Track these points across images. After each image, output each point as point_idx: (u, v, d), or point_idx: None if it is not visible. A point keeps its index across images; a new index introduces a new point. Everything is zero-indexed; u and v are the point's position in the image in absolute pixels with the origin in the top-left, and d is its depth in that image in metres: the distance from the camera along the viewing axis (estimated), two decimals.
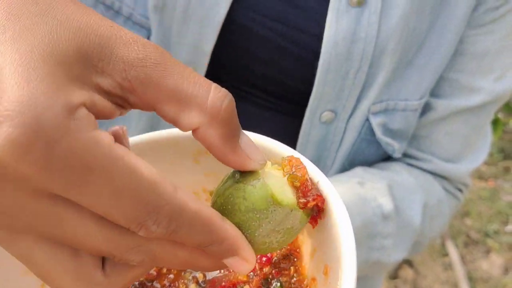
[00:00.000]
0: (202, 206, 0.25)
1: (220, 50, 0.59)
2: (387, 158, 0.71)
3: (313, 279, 0.34)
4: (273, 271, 0.35)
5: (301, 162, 0.30)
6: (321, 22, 0.57)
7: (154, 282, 0.36)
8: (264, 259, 0.36)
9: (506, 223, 2.04)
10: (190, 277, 0.36)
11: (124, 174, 0.22)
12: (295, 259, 0.36)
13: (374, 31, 0.56)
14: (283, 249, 0.37)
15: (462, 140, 0.69)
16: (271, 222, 0.28)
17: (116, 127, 0.29)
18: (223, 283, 0.35)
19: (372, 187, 0.62)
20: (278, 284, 0.35)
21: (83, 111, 0.22)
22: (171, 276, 0.37)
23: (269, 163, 0.30)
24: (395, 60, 0.59)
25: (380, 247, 0.62)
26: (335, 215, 0.30)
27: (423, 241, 0.71)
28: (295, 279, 0.35)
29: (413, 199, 0.65)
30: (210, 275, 0.36)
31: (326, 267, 0.31)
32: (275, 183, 0.29)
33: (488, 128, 0.73)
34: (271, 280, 0.35)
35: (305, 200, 0.29)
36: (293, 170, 0.29)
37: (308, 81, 0.60)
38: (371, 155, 0.68)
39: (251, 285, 0.35)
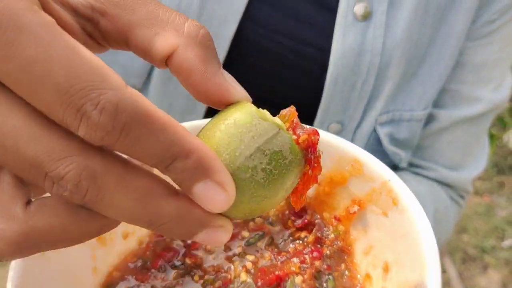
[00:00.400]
0: (161, 110, 0.21)
1: (229, 65, 0.61)
2: (393, 168, 0.73)
3: (368, 276, 0.34)
4: (324, 265, 0.36)
5: (296, 114, 0.27)
6: (328, 36, 0.59)
7: (203, 265, 0.37)
8: (315, 253, 0.37)
9: (502, 238, 2.05)
10: (240, 266, 0.36)
11: (60, 46, 0.19)
12: (346, 256, 0.36)
13: (379, 44, 0.59)
14: (334, 246, 0.37)
15: (463, 148, 0.71)
16: (255, 138, 0.24)
17: None
18: (276, 272, 0.35)
19: None
20: (331, 277, 0.35)
21: None
22: (217, 263, 0.37)
23: None
24: (400, 71, 0.62)
25: None
26: (411, 214, 0.30)
27: None
28: (346, 275, 0.35)
29: (425, 205, 0.67)
30: (260, 264, 0.36)
31: (386, 264, 0.32)
32: (260, 109, 0.25)
33: (486, 136, 0.76)
34: (323, 274, 0.36)
35: (296, 136, 0.25)
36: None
37: (315, 94, 0.62)
38: None
39: (304, 276, 0.35)
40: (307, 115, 0.63)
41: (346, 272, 0.36)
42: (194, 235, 0.23)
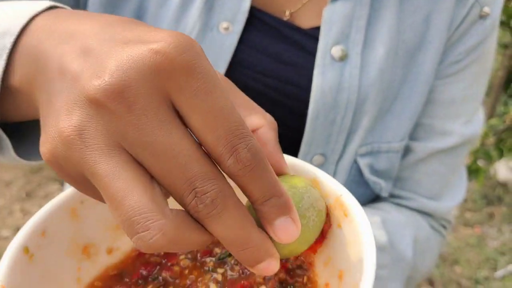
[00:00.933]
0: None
1: None
2: (375, 199, 0.77)
3: (326, 284, 0.37)
4: (287, 277, 0.39)
5: None
6: (309, 76, 0.65)
7: (176, 280, 0.39)
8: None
9: (495, 269, 2.07)
10: (212, 278, 0.39)
11: (231, 101, 0.28)
12: (307, 270, 0.39)
13: (356, 82, 0.64)
14: (298, 260, 0.40)
15: (440, 179, 0.75)
16: (310, 198, 0.33)
17: None
18: (242, 282, 0.38)
19: None
20: (292, 287, 0.38)
21: None
22: (193, 276, 0.40)
23: None
24: (376, 107, 0.67)
25: (377, 277, 0.67)
26: (357, 223, 0.33)
27: (415, 276, 0.75)
28: (308, 285, 0.38)
29: (404, 233, 0.71)
30: (229, 276, 0.39)
31: (341, 272, 0.35)
32: None
33: (463, 168, 0.80)
34: (285, 284, 0.38)
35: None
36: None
37: (299, 129, 0.67)
38: (360, 196, 0.74)
39: (267, 286, 0.38)
40: (292, 149, 0.68)
41: (308, 283, 0.38)
42: (260, 262, 0.29)
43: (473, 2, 0.67)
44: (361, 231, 0.33)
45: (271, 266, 0.30)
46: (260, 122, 0.34)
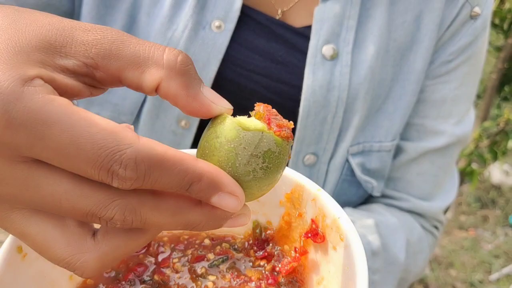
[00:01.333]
0: (170, 148, 0.26)
1: None
2: (367, 199, 0.77)
3: None
4: None
5: (270, 107, 0.32)
6: (300, 74, 0.65)
7: (168, 283, 0.39)
8: (271, 280, 0.39)
9: (489, 272, 2.07)
10: (203, 286, 0.39)
11: (81, 125, 0.24)
12: (299, 286, 0.39)
13: (346, 81, 0.64)
14: (289, 275, 0.39)
15: (432, 179, 0.75)
16: (247, 148, 0.29)
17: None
18: None
19: (361, 225, 0.67)
20: None
21: (38, 81, 0.25)
22: (185, 282, 0.39)
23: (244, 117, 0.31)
24: (367, 106, 0.67)
25: (370, 282, 0.67)
26: (352, 250, 0.33)
27: (407, 277, 0.75)
28: None
29: (397, 236, 0.71)
30: (220, 284, 0.39)
31: None
32: (241, 118, 0.30)
33: (454, 169, 0.81)
34: None
35: (277, 129, 0.30)
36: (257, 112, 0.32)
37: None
38: (353, 195, 0.74)
39: None
40: None
41: None
42: (221, 225, 0.29)
43: (463, 2, 0.67)
44: (356, 260, 0.32)
45: (238, 222, 0.30)
46: (157, 75, 0.29)
